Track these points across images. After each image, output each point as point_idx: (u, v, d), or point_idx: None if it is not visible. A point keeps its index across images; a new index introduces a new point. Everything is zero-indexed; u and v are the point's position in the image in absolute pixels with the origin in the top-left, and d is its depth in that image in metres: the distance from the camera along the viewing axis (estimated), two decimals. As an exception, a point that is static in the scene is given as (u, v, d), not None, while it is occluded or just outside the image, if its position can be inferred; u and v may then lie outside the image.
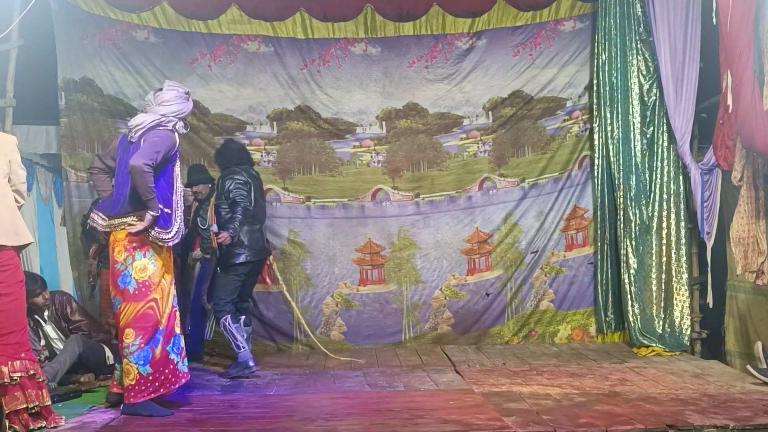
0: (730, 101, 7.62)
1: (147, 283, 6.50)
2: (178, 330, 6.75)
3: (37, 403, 5.95)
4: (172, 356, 6.64)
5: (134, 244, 6.49)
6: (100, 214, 6.63)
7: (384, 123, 10.18)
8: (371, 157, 10.17)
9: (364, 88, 10.14)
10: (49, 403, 6.13)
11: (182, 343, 6.80)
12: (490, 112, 10.15)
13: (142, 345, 6.44)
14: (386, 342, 10.03)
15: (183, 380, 6.75)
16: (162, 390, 6.55)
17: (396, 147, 10.16)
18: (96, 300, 9.31)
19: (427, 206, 10.17)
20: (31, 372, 5.94)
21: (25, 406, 5.87)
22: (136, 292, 6.47)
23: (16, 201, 6.11)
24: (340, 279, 10.06)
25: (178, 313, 6.81)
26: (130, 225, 6.47)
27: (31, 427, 5.91)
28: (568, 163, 10.13)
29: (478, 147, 10.15)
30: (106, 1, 9.61)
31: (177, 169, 6.70)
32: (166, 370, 6.57)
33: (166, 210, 6.50)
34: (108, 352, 7.83)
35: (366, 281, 10.09)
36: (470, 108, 10.17)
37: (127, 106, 9.55)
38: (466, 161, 10.15)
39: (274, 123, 10.05)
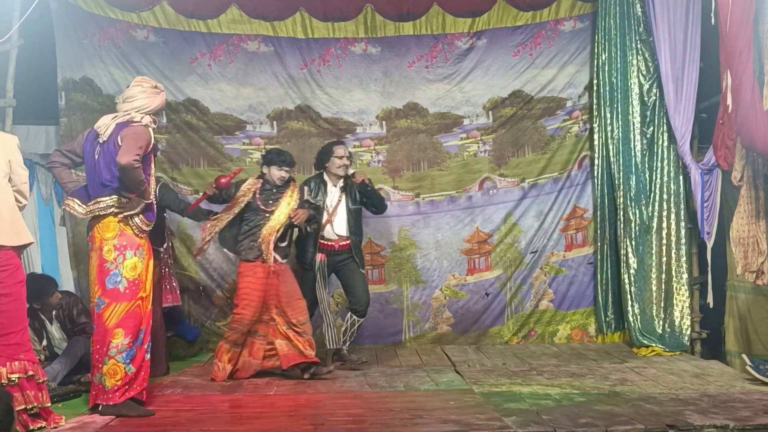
0: (730, 101, 7.62)
1: (137, 282, 6.48)
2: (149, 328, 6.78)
3: (35, 404, 5.93)
4: (147, 355, 6.65)
5: (125, 243, 6.45)
6: (77, 201, 6.55)
7: (384, 123, 10.17)
8: (371, 156, 10.16)
9: (364, 87, 10.13)
10: (49, 404, 6.12)
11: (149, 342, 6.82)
12: (490, 112, 10.14)
13: (130, 344, 6.43)
14: (386, 342, 10.02)
15: (146, 380, 6.76)
16: (138, 389, 6.54)
17: (396, 147, 10.16)
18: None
19: (428, 206, 10.16)
20: (30, 373, 5.93)
21: (23, 407, 5.86)
22: (127, 291, 6.44)
23: (18, 201, 6.09)
24: (340, 279, 10.05)
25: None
26: (118, 208, 6.42)
27: (31, 427, 5.91)
28: (567, 163, 10.13)
29: (479, 147, 10.15)
30: (106, 1, 9.59)
31: (152, 166, 6.66)
32: (142, 371, 6.58)
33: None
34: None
35: (366, 281, 10.05)
36: (470, 108, 10.15)
37: (127, 106, 9.56)
38: (466, 161, 10.14)
39: (274, 122, 10.04)
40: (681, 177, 9.27)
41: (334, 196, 8.68)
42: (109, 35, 9.66)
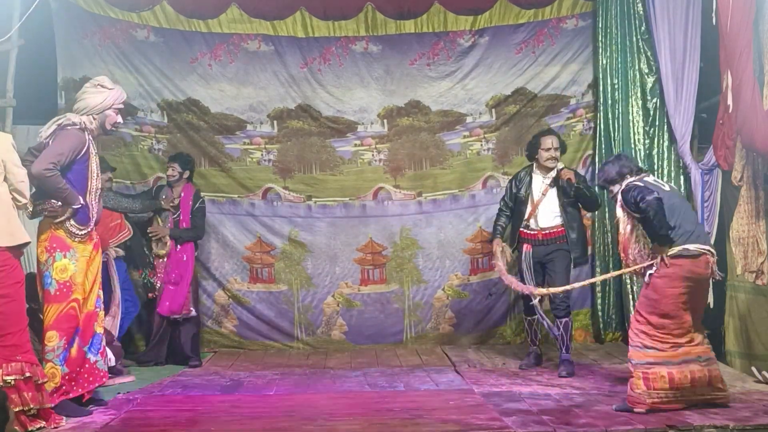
0: (730, 101, 7.60)
1: (68, 284, 6.43)
2: (99, 330, 6.75)
3: (32, 405, 5.93)
4: (90, 356, 6.63)
5: (54, 245, 6.42)
6: (32, 200, 6.50)
7: (385, 121, 10.16)
8: (372, 155, 10.15)
9: (366, 86, 10.13)
10: (49, 405, 6.12)
11: (103, 343, 6.82)
12: (493, 110, 10.13)
13: (65, 346, 6.42)
14: (387, 342, 10.02)
15: (103, 380, 6.78)
16: (80, 390, 6.54)
17: (398, 145, 10.14)
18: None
19: (430, 205, 10.14)
20: (28, 374, 5.92)
21: (20, 408, 5.86)
22: (58, 293, 6.40)
23: (17, 200, 6.09)
24: (341, 279, 10.05)
25: (101, 313, 6.82)
26: (50, 212, 6.39)
27: (30, 428, 5.91)
28: (572, 162, 10.04)
29: (482, 145, 10.12)
30: (106, 1, 9.63)
31: (93, 167, 6.60)
32: (82, 370, 6.56)
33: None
34: (110, 354, 7.80)
35: (367, 281, 10.08)
36: (473, 105, 10.13)
37: (127, 105, 9.44)
38: (469, 159, 10.12)
39: (275, 122, 10.04)
40: (681, 177, 9.23)
41: (539, 188, 8.30)
42: (110, 35, 9.69)
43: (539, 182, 8.32)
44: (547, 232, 8.24)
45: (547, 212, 8.28)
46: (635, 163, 7.13)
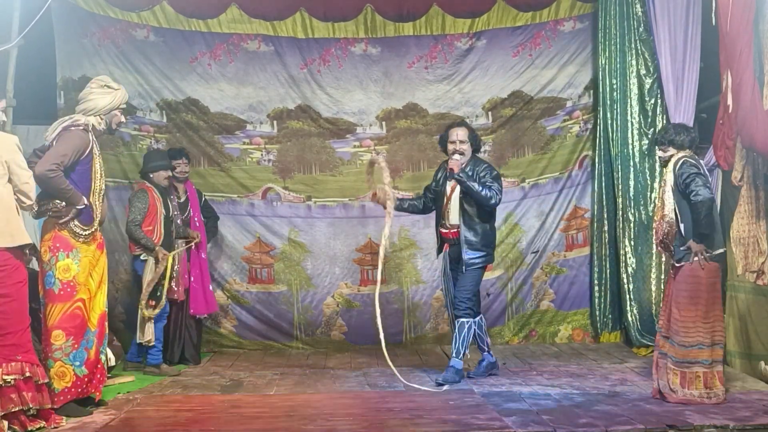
0: (730, 101, 7.61)
1: (72, 284, 6.42)
2: (106, 330, 6.78)
3: (31, 405, 5.92)
4: (101, 356, 6.67)
5: (58, 245, 6.40)
6: (37, 200, 6.49)
7: (384, 123, 10.18)
8: (372, 156, 10.14)
9: (364, 88, 10.15)
10: (49, 405, 6.10)
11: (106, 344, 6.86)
12: (489, 113, 10.14)
13: (76, 346, 6.41)
14: (387, 342, 9.94)
15: (104, 381, 6.81)
16: (90, 390, 6.58)
17: (396, 147, 10.16)
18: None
19: (428, 206, 10.15)
20: (28, 374, 5.92)
21: (20, 408, 5.85)
22: (62, 293, 6.39)
23: (22, 202, 6.08)
24: (340, 279, 10.06)
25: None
26: (54, 212, 6.37)
27: (29, 427, 5.91)
28: (568, 163, 10.12)
29: (479, 147, 10.14)
30: (106, 0, 9.62)
31: (97, 167, 6.58)
32: (96, 371, 6.59)
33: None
34: (110, 354, 7.80)
35: (367, 281, 10.07)
36: (470, 108, 10.15)
37: (127, 105, 9.50)
38: (467, 161, 10.13)
39: (275, 122, 10.05)
40: (681, 177, 9.25)
41: (449, 183, 7.99)
42: (110, 35, 9.69)
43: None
44: (455, 231, 7.96)
45: (455, 209, 7.97)
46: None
